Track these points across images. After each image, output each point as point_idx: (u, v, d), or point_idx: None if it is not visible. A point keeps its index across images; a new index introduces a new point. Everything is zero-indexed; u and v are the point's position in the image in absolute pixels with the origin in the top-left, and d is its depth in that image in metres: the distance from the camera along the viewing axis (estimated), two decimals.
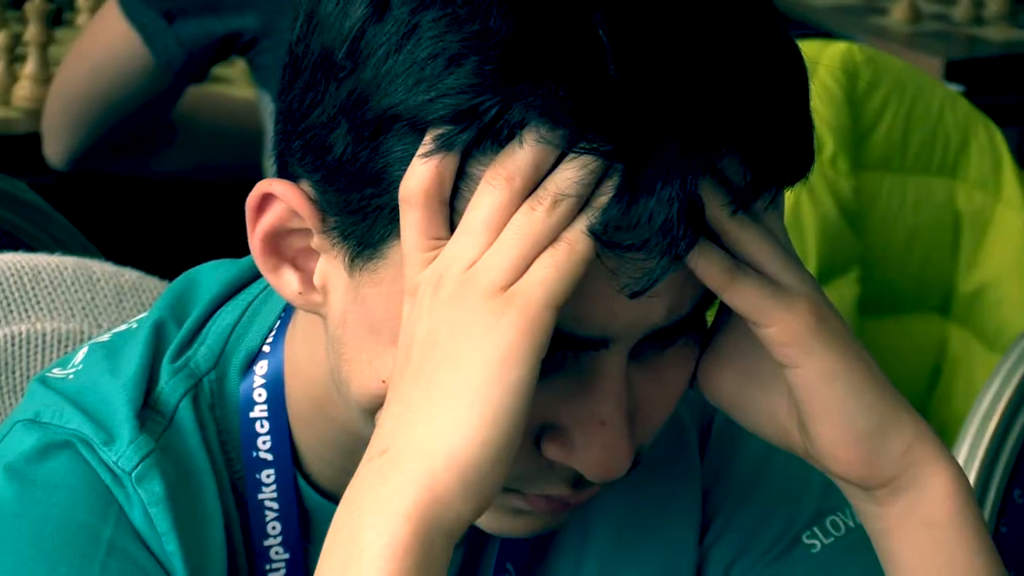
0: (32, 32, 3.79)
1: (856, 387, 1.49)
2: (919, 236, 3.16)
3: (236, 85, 3.69)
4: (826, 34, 3.71)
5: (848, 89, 3.05)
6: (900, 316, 3.18)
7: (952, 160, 3.16)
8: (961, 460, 2.37)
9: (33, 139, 3.50)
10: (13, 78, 3.77)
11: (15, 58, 3.82)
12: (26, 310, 2.05)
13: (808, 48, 2.60)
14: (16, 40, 3.84)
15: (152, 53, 3.33)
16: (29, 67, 3.76)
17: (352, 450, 1.51)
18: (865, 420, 1.50)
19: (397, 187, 1.41)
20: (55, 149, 3.49)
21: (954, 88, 3.39)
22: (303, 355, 1.61)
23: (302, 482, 1.62)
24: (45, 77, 3.69)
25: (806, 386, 1.45)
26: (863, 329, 2.81)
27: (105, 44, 3.47)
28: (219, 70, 3.58)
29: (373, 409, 1.47)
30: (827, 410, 1.48)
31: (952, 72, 3.74)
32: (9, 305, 2.03)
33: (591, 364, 1.44)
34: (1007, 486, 2.41)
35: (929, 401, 3.29)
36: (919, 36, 4.34)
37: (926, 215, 3.16)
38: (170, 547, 1.55)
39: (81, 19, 3.92)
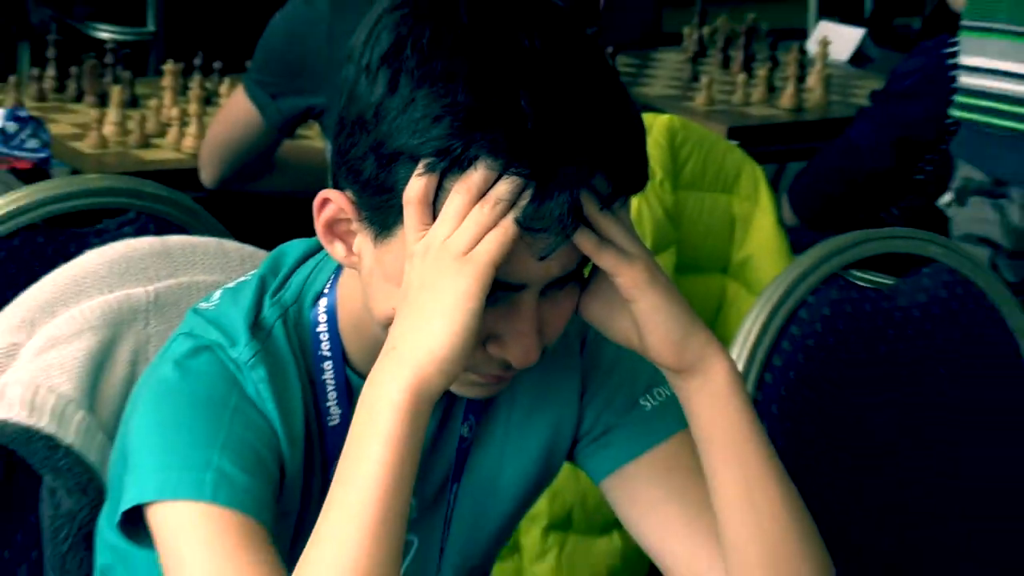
0: (193, 108, 4.52)
1: (671, 313, 1.97)
2: (711, 227, 3.73)
3: (312, 139, 4.28)
4: (657, 110, 4.18)
5: (669, 142, 3.59)
6: (699, 275, 3.71)
7: (731, 184, 3.73)
8: (734, 356, 2.69)
9: (192, 171, 4.13)
10: (182, 135, 4.46)
11: (183, 123, 4.50)
12: (188, 269, 2.40)
13: (646, 118, 3.03)
14: (183, 112, 4.53)
15: (263, 119, 3.97)
16: (191, 128, 4.45)
17: (374, 348, 1.91)
18: (675, 332, 1.98)
19: (402, 194, 1.84)
20: (206, 176, 4.13)
21: (732, 142, 3.91)
22: (347, 294, 2.06)
23: (347, 369, 2.07)
24: (200, 134, 4.35)
25: (641, 312, 1.95)
26: (677, 281, 2.77)
27: (236, 113, 4.05)
28: (301, 130, 4.23)
29: (387, 325, 1.90)
30: (653, 326, 1.96)
31: (731, 134, 4.37)
32: (180, 266, 2.38)
33: (516, 299, 1.91)
34: (761, 372, 2.75)
35: (715, 324, 3.79)
36: (712, 113, 5.01)
37: (715, 216, 3.73)
38: (270, 408, 1.99)
39: (223, 100, 4.49)
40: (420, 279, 1.84)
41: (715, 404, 2.03)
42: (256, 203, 4.03)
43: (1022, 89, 3.29)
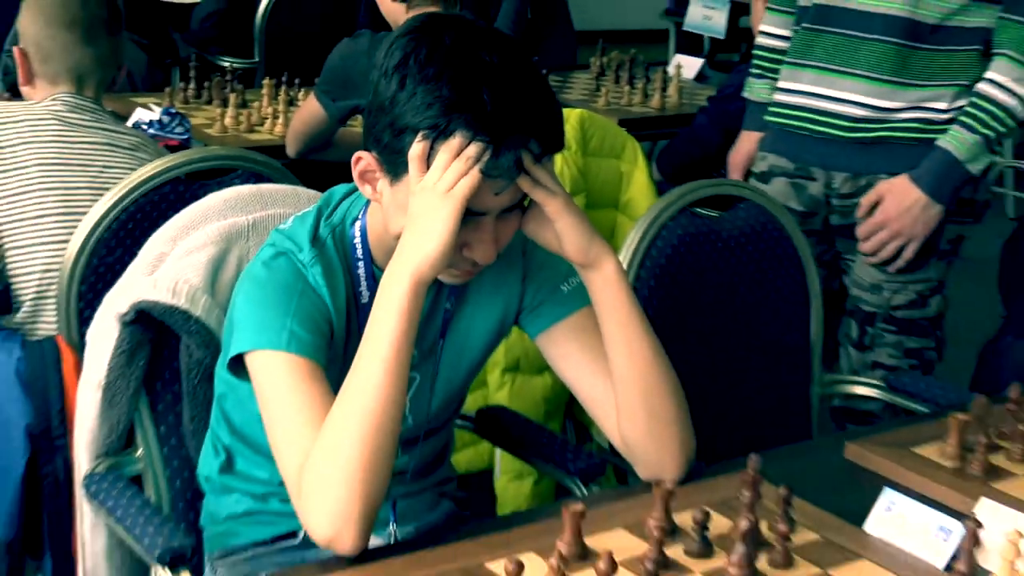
0: (281, 108, 4.33)
1: (579, 229, 1.94)
2: (607, 180, 3.57)
3: (356, 127, 3.93)
4: (574, 107, 3.80)
5: (580, 126, 3.47)
6: (600, 210, 3.53)
7: (619, 152, 3.58)
8: (621, 259, 2.29)
9: (280, 147, 3.96)
10: (274, 125, 4.31)
11: (275, 117, 4.33)
12: (274, 205, 2.32)
13: (566, 111, 3.11)
14: (275, 110, 4.36)
15: (326, 114, 3.83)
16: (280, 121, 4.30)
17: (390, 252, 1.88)
18: (582, 241, 1.95)
19: (407, 154, 1.83)
20: (289, 150, 3.94)
21: (621, 128, 3.68)
22: (373, 219, 2.00)
23: (373, 266, 2.01)
24: (286, 124, 4.17)
25: (560, 228, 1.93)
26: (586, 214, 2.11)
27: (308, 110, 3.89)
28: (349, 122, 3.93)
29: (398, 237, 1.87)
30: (568, 237, 1.94)
31: (620, 123, 4.11)
32: (269, 204, 2.31)
33: (481, 221, 1.87)
34: (637, 270, 2.67)
35: (609, 240, 3.00)
36: (608, 110, 4.80)
37: (609, 173, 3.57)
38: (324, 292, 1.94)
39: (300, 103, 4.24)
40: (419, 208, 1.83)
41: (607, 287, 2.00)
42: (318, 166, 3.80)
43: (824, 105, 3.16)
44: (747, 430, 1.94)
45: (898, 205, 3.04)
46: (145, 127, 3.65)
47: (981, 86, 3.00)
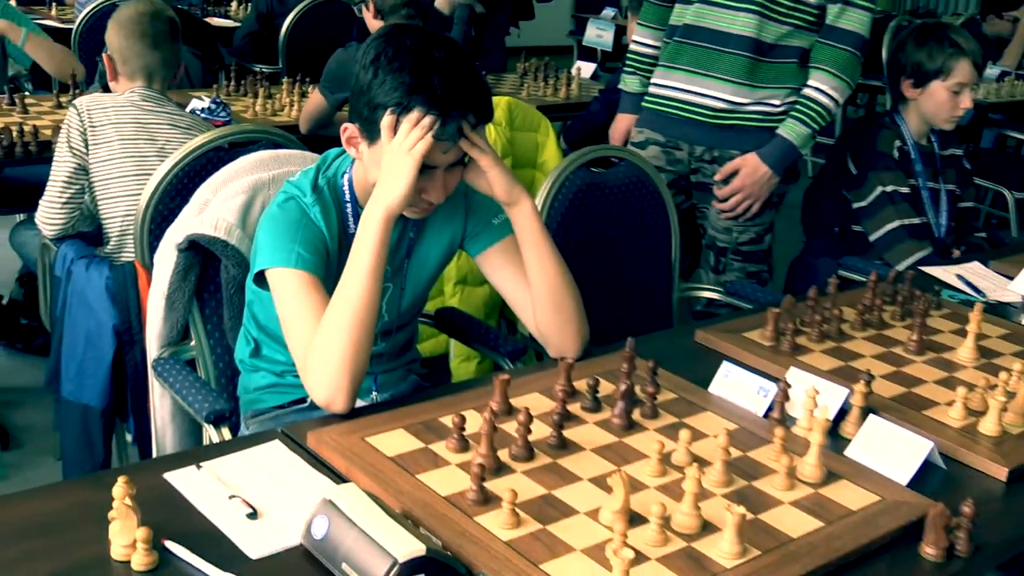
0: (296, 99, 4.17)
1: (504, 177, 1.88)
2: (527, 147, 3.44)
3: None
4: (504, 95, 3.50)
5: (509, 110, 3.33)
6: (523, 169, 3.44)
7: (536, 128, 3.45)
8: (537, 203, 2.56)
9: (295, 126, 3.84)
10: (291, 110, 4.13)
11: (291, 105, 4.18)
12: (288, 165, 2.22)
13: (498, 99, 3.37)
14: (291, 100, 4.21)
15: (327, 103, 3.79)
16: (295, 108, 4.13)
17: (368, 196, 1.81)
18: (507, 185, 1.89)
19: (380, 124, 1.78)
20: (302, 128, 3.85)
21: (538, 112, 3.50)
22: (357, 172, 1.93)
23: (357, 206, 1.93)
24: (299, 110, 4.02)
25: (490, 177, 1.88)
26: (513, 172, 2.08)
27: (315, 100, 3.81)
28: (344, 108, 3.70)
29: (375, 185, 1.81)
30: (496, 183, 1.88)
31: (539, 108, 3.68)
32: (284, 164, 2.21)
33: (433, 172, 1.83)
34: (548, 211, 2.63)
35: (531, 190, 3.72)
36: (529, 99, 4.72)
37: (529, 142, 3.44)
38: (322, 225, 1.88)
39: (309, 95, 3.97)
40: (388, 163, 1.79)
41: (525, 219, 1.96)
42: (322, 139, 3.55)
43: (691, 99, 3.10)
44: (627, 323, 1.94)
45: (751, 177, 3.01)
46: (198, 112, 3.56)
47: (809, 91, 2.98)
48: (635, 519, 1.51)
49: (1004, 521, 1.66)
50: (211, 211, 2.12)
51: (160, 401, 2.17)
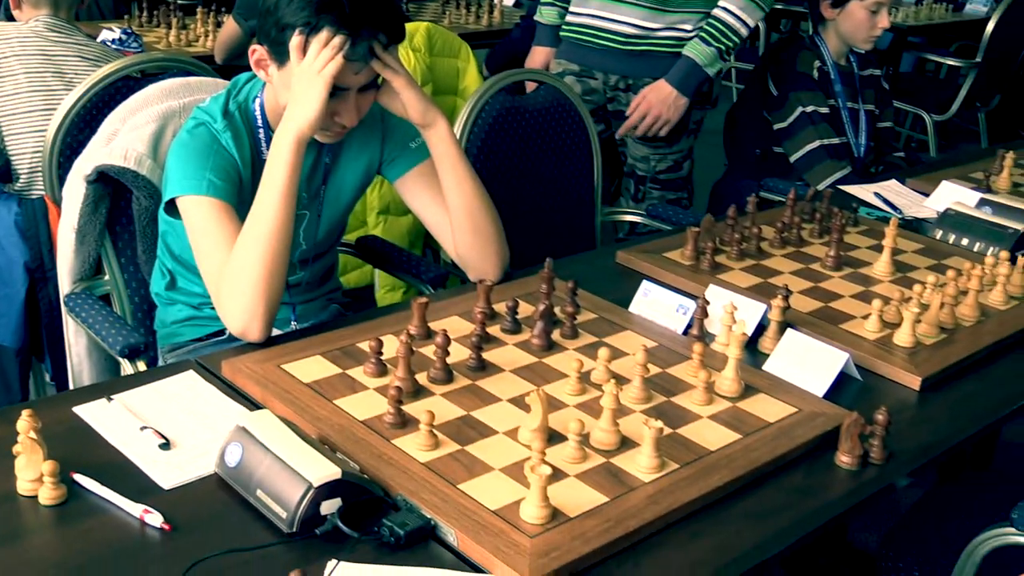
0: (211, 28, 4.12)
1: (419, 99, 1.85)
2: (448, 74, 3.39)
3: None
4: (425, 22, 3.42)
5: (428, 35, 3.28)
6: (444, 95, 3.39)
7: (456, 54, 3.40)
8: (459, 127, 2.58)
9: (210, 56, 3.78)
10: (206, 39, 4.08)
11: (206, 35, 4.14)
12: (199, 92, 2.14)
13: (419, 25, 3.35)
14: (206, 31, 4.16)
15: (241, 31, 3.71)
16: (210, 37, 4.08)
17: (279, 119, 1.78)
18: (421, 107, 1.86)
19: (288, 45, 1.75)
20: (217, 58, 3.78)
21: (460, 38, 3.43)
22: (268, 96, 1.90)
23: (269, 130, 1.89)
24: (214, 39, 3.95)
25: (405, 98, 1.84)
26: (434, 99, 2.30)
27: (229, 29, 3.75)
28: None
29: (284, 108, 1.79)
30: (411, 104, 1.85)
31: (461, 36, 3.55)
32: (195, 92, 2.15)
33: (345, 94, 1.79)
34: (468, 134, 2.59)
35: (452, 116, 3.14)
36: (451, 28, 4.64)
37: (450, 68, 3.38)
38: (233, 151, 1.84)
39: (223, 23, 3.89)
40: (298, 85, 1.76)
41: (441, 141, 1.94)
42: (238, 68, 3.63)
43: (604, 25, 3.08)
44: (550, 248, 1.92)
45: (657, 97, 2.99)
46: (109, 44, 3.51)
47: (716, 11, 2.97)
48: (554, 437, 1.51)
49: (917, 429, 1.68)
50: (120, 141, 2.07)
51: (75, 338, 2.13)
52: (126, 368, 1.88)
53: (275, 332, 1.84)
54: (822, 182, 3.10)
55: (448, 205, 1.97)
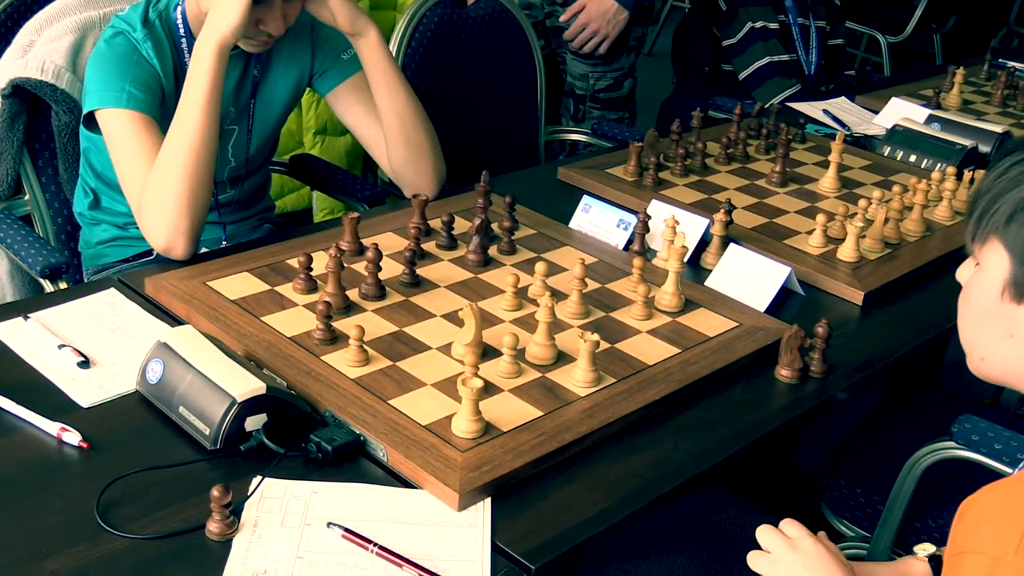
0: None
1: (347, 5, 1.83)
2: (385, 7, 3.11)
3: None
4: None
5: None
6: (382, 10, 3.05)
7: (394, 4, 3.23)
8: (395, 40, 2.53)
9: None
10: None
11: None
12: (122, 3, 2.05)
13: None
14: None
15: None
16: None
17: (201, 27, 1.74)
18: (350, 15, 1.84)
19: None
20: None
21: None
22: (191, 4, 1.85)
23: (193, 40, 1.81)
24: None
25: (332, 3, 1.82)
26: (373, 14, 2.42)
27: None
28: None
29: (206, 15, 1.75)
30: (340, 11, 1.83)
31: None
32: (118, 3, 2.08)
33: (271, 2, 1.76)
34: (405, 48, 2.54)
35: (390, 33, 2.99)
36: None
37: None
38: (155, 62, 1.81)
39: None
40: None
41: (372, 51, 1.91)
42: None
43: None
44: (491, 167, 1.89)
45: (597, 10, 2.96)
46: None
47: None
48: (489, 353, 1.51)
49: (858, 343, 1.70)
50: (36, 53, 2.02)
51: None
52: (49, 291, 1.84)
53: (204, 251, 1.83)
54: (771, 100, 3.09)
55: (381, 118, 1.95)
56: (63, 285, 1.87)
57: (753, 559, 1.15)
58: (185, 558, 1.12)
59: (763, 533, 1.15)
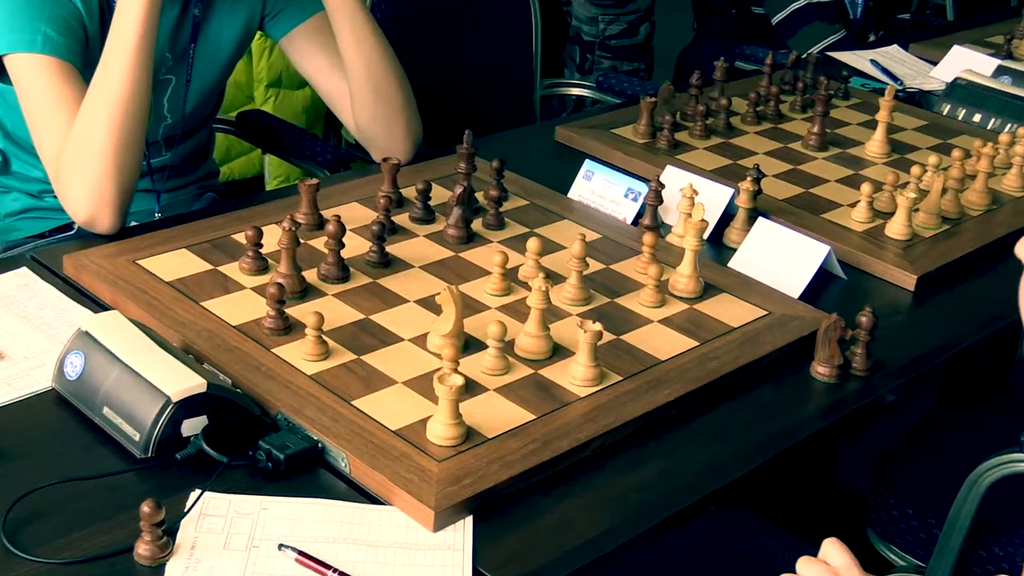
0: None
1: None
2: None
3: None
4: None
5: None
6: None
7: None
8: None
9: None
10: None
11: None
12: None
13: None
14: None
15: None
16: None
17: None
18: None
19: None
20: None
21: None
22: None
23: None
24: None
25: None
26: None
27: None
28: None
29: None
30: None
31: None
32: None
33: None
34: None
35: None
36: None
37: None
38: (80, 4, 1.78)
39: None
40: None
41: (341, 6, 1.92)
42: None
43: None
44: (475, 126, 1.89)
45: None
46: None
47: None
48: (472, 345, 1.51)
49: (909, 335, 1.71)
50: None
51: None
52: None
53: (133, 224, 1.83)
54: (809, 48, 3.08)
55: (346, 67, 1.95)
56: None
57: None
58: None
59: (805, 567, 1.14)
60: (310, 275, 1.61)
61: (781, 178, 2.09)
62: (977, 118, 2.42)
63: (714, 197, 1.92)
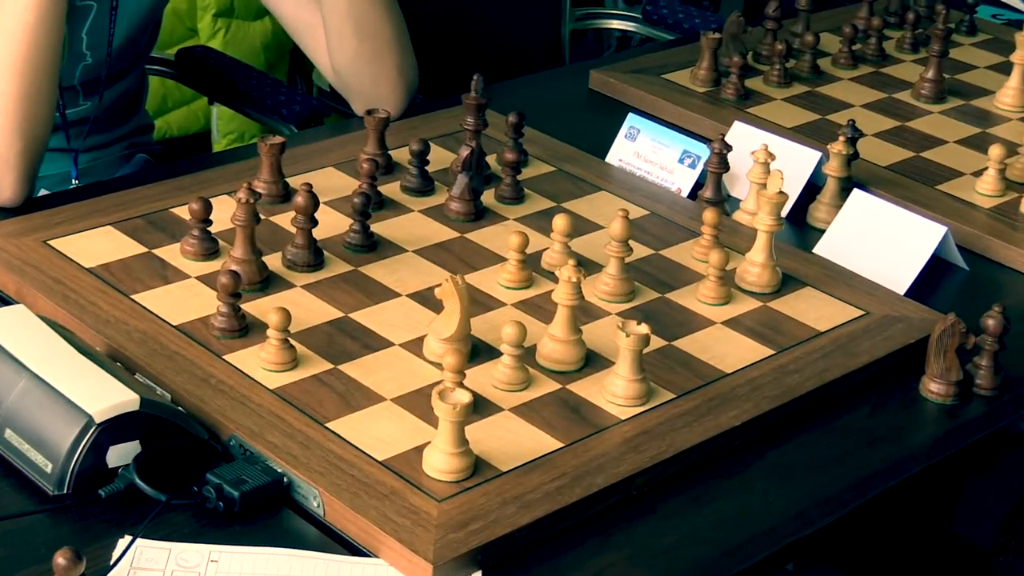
0: None
1: None
2: None
3: None
4: None
5: None
6: None
7: None
8: None
9: None
10: None
11: None
12: None
13: None
14: None
15: None
16: None
17: None
18: None
19: None
20: None
21: None
22: None
23: None
24: None
25: None
26: None
27: None
28: None
29: None
30: None
31: None
32: None
33: None
34: None
35: None
36: None
37: None
38: None
39: None
40: None
41: None
42: None
43: None
44: (486, 69, 1.88)
45: None
46: None
47: None
48: (482, 351, 1.51)
49: None
50: None
51: None
52: None
53: (43, 193, 1.85)
54: None
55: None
56: None
57: None
58: None
59: None
60: (273, 261, 1.62)
61: (884, 138, 2.10)
62: None
63: (796, 163, 1.91)
